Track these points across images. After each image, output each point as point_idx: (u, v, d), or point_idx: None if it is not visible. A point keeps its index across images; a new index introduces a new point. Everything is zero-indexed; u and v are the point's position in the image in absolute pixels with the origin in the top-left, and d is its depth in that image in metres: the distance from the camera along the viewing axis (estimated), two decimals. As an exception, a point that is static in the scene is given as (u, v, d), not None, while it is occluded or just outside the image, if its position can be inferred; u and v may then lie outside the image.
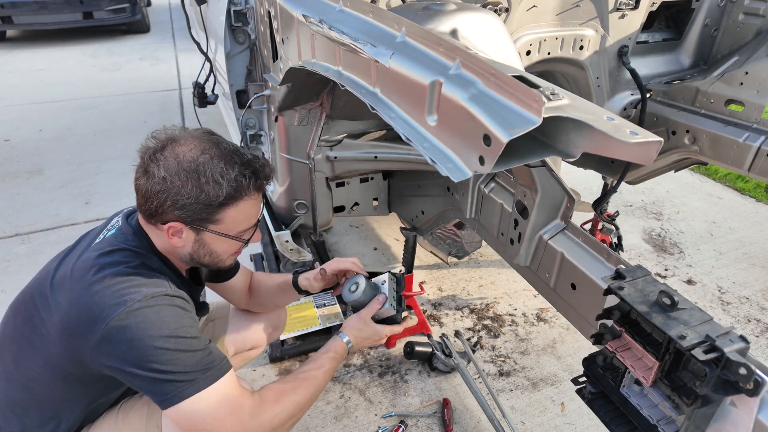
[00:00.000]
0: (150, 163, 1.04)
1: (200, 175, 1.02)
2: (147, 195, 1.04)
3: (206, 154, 1.04)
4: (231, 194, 1.04)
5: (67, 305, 1.02)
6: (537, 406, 1.90)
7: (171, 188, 1.02)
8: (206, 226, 1.07)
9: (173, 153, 1.04)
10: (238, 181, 1.05)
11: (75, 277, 1.04)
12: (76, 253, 1.12)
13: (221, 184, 1.03)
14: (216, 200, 1.04)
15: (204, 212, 1.05)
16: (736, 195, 3.46)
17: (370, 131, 1.87)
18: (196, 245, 1.11)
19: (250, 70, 1.76)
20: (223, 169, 1.03)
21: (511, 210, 1.26)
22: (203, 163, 1.02)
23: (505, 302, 2.41)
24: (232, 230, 1.11)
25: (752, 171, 1.74)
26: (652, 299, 0.82)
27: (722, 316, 2.36)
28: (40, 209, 3.12)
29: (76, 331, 1.00)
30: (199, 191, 1.02)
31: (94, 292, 0.99)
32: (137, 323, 0.97)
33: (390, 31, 0.90)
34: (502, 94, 0.67)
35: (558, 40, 1.85)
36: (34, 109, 4.79)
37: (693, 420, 0.77)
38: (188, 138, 1.07)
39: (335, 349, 1.25)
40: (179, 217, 1.05)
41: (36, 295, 1.09)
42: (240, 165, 1.06)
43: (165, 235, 1.08)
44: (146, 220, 1.10)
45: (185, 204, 1.03)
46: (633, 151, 0.62)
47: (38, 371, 1.07)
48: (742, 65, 1.80)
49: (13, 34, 7.81)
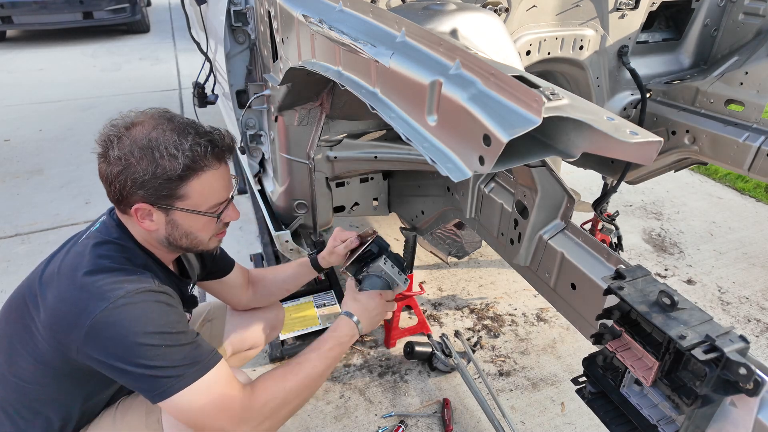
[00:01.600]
0: (108, 147, 1.04)
1: (154, 150, 1.01)
2: (109, 179, 1.04)
3: (158, 128, 1.03)
4: (188, 165, 1.03)
5: (54, 301, 1.02)
6: (537, 406, 1.90)
7: (128, 167, 1.01)
8: (172, 203, 1.06)
9: (128, 134, 1.04)
10: (193, 151, 1.03)
11: (62, 273, 1.04)
12: (63, 250, 1.12)
13: (176, 156, 1.01)
14: (174, 173, 1.02)
15: (165, 188, 1.03)
16: (736, 195, 3.46)
17: (370, 131, 1.87)
18: (169, 227, 1.09)
19: (250, 70, 1.76)
20: (177, 141, 1.02)
21: (511, 210, 1.26)
22: (156, 138, 1.02)
23: (505, 302, 2.41)
24: (200, 206, 1.08)
25: (752, 171, 1.74)
26: (652, 299, 0.82)
27: (722, 316, 2.36)
28: (40, 209, 3.12)
29: (63, 326, 0.99)
30: (155, 166, 1.01)
31: (79, 288, 0.99)
32: (121, 320, 0.97)
33: (390, 31, 0.90)
34: (502, 94, 0.67)
35: (558, 40, 1.85)
36: (34, 109, 4.79)
37: (693, 420, 0.77)
38: (143, 117, 1.07)
39: (340, 327, 1.21)
40: (143, 197, 1.03)
41: (26, 294, 1.09)
42: (194, 135, 1.05)
43: (136, 220, 1.07)
44: (118, 208, 1.10)
45: (144, 181, 1.01)
46: (633, 151, 0.62)
47: (31, 370, 1.07)
48: (742, 65, 1.80)
49: (13, 34, 7.82)
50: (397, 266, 1.32)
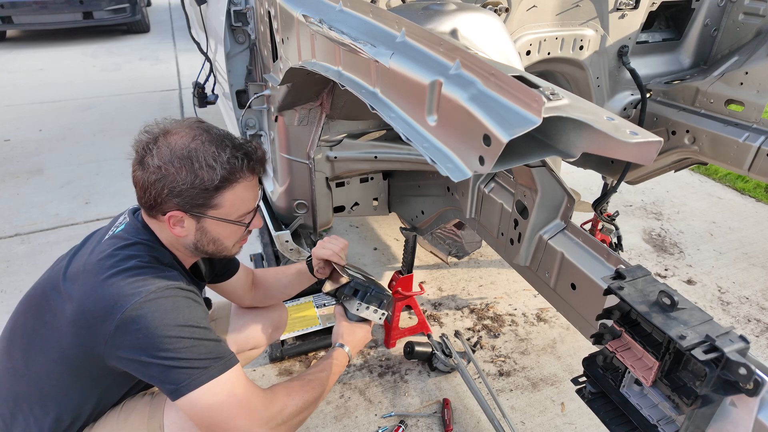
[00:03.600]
0: (145, 154, 1.07)
1: (193, 161, 1.04)
2: (144, 186, 1.06)
3: (197, 139, 1.06)
4: (225, 177, 1.06)
5: (81, 296, 1.03)
6: (537, 406, 1.90)
7: (166, 176, 1.04)
8: (205, 212, 1.09)
9: (166, 143, 1.06)
10: (231, 163, 1.06)
11: (89, 270, 1.05)
12: (87, 249, 1.13)
13: (214, 167, 1.05)
14: (211, 184, 1.05)
15: (201, 197, 1.06)
16: (736, 195, 3.46)
17: (370, 131, 1.87)
18: (199, 233, 1.12)
19: (250, 70, 1.76)
20: (215, 153, 1.05)
21: (511, 210, 1.26)
22: (195, 149, 1.05)
23: (505, 302, 2.41)
24: (231, 215, 1.12)
25: (752, 171, 1.74)
26: (652, 299, 0.82)
27: (722, 316, 2.36)
28: (39, 209, 3.12)
29: (90, 321, 1.00)
30: (193, 176, 1.04)
31: (110, 284, 1.01)
32: (152, 312, 0.99)
33: (390, 31, 0.90)
34: (502, 94, 0.67)
35: (558, 40, 1.85)
36: (34, 109, 4.79)
37: (693, 420, 0.77)
38: (179, 127, 1.10)
39: (337, 357, 1.28)
40: (178, 205, 1.06)
41: (48, 290, 1.10)
42: (231, 148, 1.08)
43: (167, 226, 1.09)
44: (147, 213, 1.12)
45: (182, 190, 1.04)
46: (633, 151, 0.62)
47: (49, 366, 1.07)
48: (742, 65, 1.80)
49: (13, 34, 7.82)
50: (374, 304, 1.35)
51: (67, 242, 2.80)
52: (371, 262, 2.69)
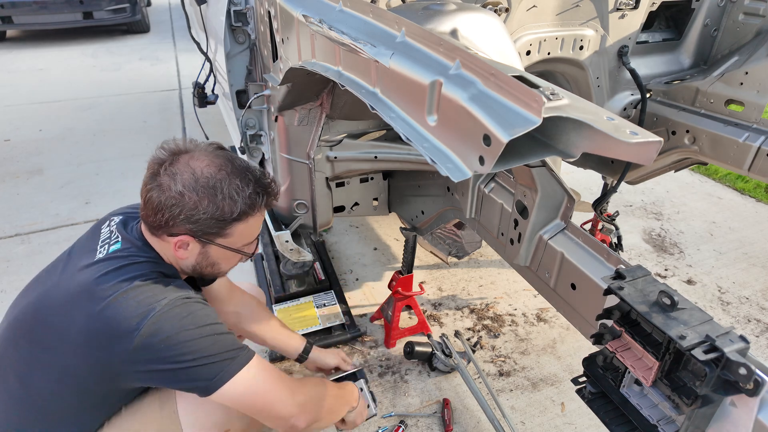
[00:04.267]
0: (163, 175, 1.05)
1: (217, 192, 1.05)
2: (159, 207, 1.05)
3: (223, 170, 1.07)
4: (244, 210, 1.08)
5: (87, 319, 1.01)
6: (537, 406, 1.90)
7: (187, 203, 1.04)
8: (214, 239, 1.11)
9: (189, 167, 1.05)
10: (252, 199, 1.09)
11: (90, 290, 1.03)
12: (76, 267, 1.10)
13: (236, 201, 1.06)
14: (230, 216, 1.07)
15: (216, 227, 1.08)
16: (736, 195, 3.46)
17: (370, 131, 1.87)
18: (200, 257, 1.13)
19: (250, 70, 1.76)
20: (239, 186, 1.07)
21: (511, 210, 1.26)
22: (220, 180, 1.05)
23: (505, 302, 2.41)
24: (237, 243, 1.14)
25: (752, 171, 1.74)
26: (652, 299, 0.82)
27: (722, 316, 2.36)
28: (39, 209, 3.12)
29: (104, 343, 1.00)
30: (215, 207, 1.05)
31: (119, 304, 1.00)
32: (169, 322, 1.00)
33: (390, 31, 0.90)
34: (502, 94, 0.67)
35: (558, 40, 1.85)
36: (34, 109, 4.79)
37: (693, 420, 0.77)
38: (202, 152, 1.09)
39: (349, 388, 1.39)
40: (190, 231, 1.07)
41: (39, 311, 1.06)
42: (254, 182, 1.10)
43: (171, 247, 1.10)
44: (152, 232, 1.11)
45: (199, 219, 1.05)
46: (633, 151, 0.62)
47: (52, 388, 1.05)
48: (742, 65, 1.80)
49: (13, 34, 7.81)
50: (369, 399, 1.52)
51: (67, 242, 2.78)
52: (371, 262, 2.69)
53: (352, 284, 2.52)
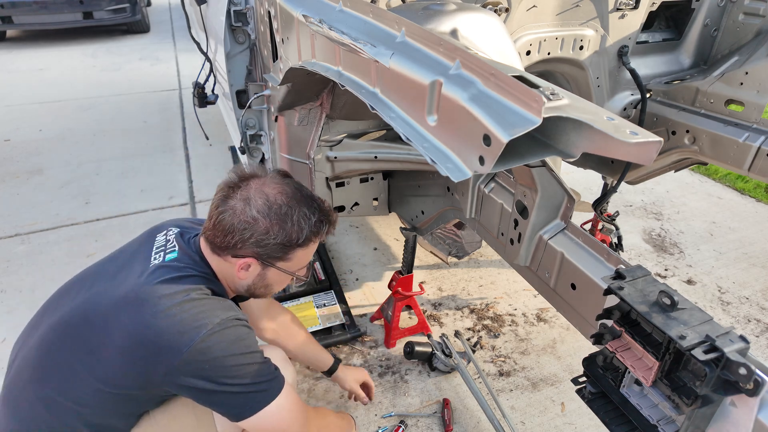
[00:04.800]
0: (236, 199, 1.10)
1: (288, 219, 1.09)
2: (230, 230, 1.09)
3: (293, 199, 1.12)
4: (309, 237, 1.13)
5: (135, 327, 1.03)
6: (537, 406, 1.90)
7: (259, 228, 1.08)
8: (275, 263, 1.15)
9: (262, 193, 1.10)
10: (317, 226, 1.14)
11: (144, 298, 1.05)
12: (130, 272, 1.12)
13: (303, 228, 1.11)
14: (296, 242, 1.12)
15: (280, 251, 1.12)
16: (736, 195, 3.46)
17: (370, 131, 1.87)
18: (258, 279, 1.17)
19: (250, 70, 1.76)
20: (307, 214, 1.12)
21: (511, 210, 1.25)
22: (291, 207, 1.10)
23: (505, 302, 2.41)
24: (294, 267, 1.18)
25: (752, 171, 1.74)
26: (652, 299, 0.82)
27: (722, 316, 2.36)
28: (39, 209, 3.12)
29: (152, 352, 1.01)
30: (284, 234, 1.10)
31: (171, 316, 1.02)
32: (218, 343, 1.02)
33: (390, 31, 0.90)
34: (502, 94, 0.67)
35: (558, 40, 1.85)
36: (34, 109, 4.79)
37: (693, 420, 0.77)
38: (273, 179, 1.15)
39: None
40: (256, 254, 1.11)
41: (91, 318, 1.07)
42: (319, 212, 1.15)
43: (233, 268, 1.13)
44: (214, 251, 1.14)
45: (268, 244, 1.10)
46: (633, 151, 0.62)
47: (91, 394, 1.05)
48: (742, 65, 1.80)
49: (13, 34, 7.82)
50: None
51: (67, 242, 2.80)
52: (371, 262, 2.69)
53: (352, 284, 2.52)
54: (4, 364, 2.02)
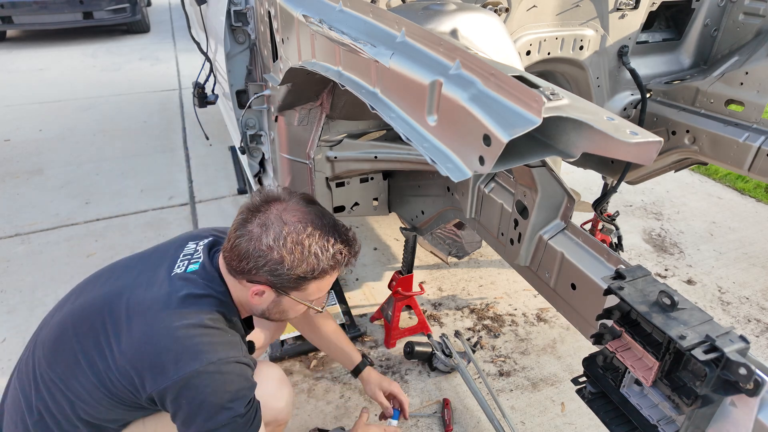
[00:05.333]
0: (255, 223, 1.07)
1: (304, 249, 1.06)
2: (245, 256, 1.07)
3: (311, 227, 1.08)
4: (325, 270, 1.09)
5: (142, 338, 1.03)
6: (537, 406, 1.90)
7: (274, 257, 1.05)
8: (290, 292, 1.12)
9: (281, 221, 1.07)
10: (335, 259, 1.10)
11: (155, 310, 1.06)
12: (152, 276, 1.13)
13: (320, 260, 1.08)
14: (311, 274, 1.08)
15: (295, 282, 1.09)
16: (736, 195, 3.46)
17: (370, 131, 1.87)
18: (272, 305, 1.15)
19: (250, 70, 1.76)
20: (325, 246, 1.08)
21: (511, 210, 1.25)
22: (309, 237, 1.06)
23: (505, 302, 2.41)
24: (310, 296, 1.15)
25: (752, 171, 1.74)
26: (652, 299, 0.82)
27: (722, 316, 2.36)
28: (39, 209, 3.12)
29: (146, 366, 1.02)
30: (299, 263, 1.06)
31: (175, 338, 1.02)
32: (204, 386, 1.01)
33: (390, 31, 0.90)
34: (502, 94, 0.67)
35: (558, 40, 1.85)
36: (34, 109, 4.79)
37: (693, 420, 0.77)
38: (294, 205, 1.11)
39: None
40: (269, 282, 1.09)
41: (106, 312, 1.09)
42: (339, 243, 1.11)
43: (247, 292, 1.12)
44: (231, 272, 1.13)
45: (282, 274, 1.07)
46: (633, 151, 0.62)
47: (88, 390, 1.06)
48: (742, 65, 1.80)
49: (13, 34, 7.81)
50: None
51: (67, 242, 2.80)
52: (371, 262, 2.69)
53: (352, 284, 2.52)
54: (3, 365, 2.02)
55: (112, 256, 2.66)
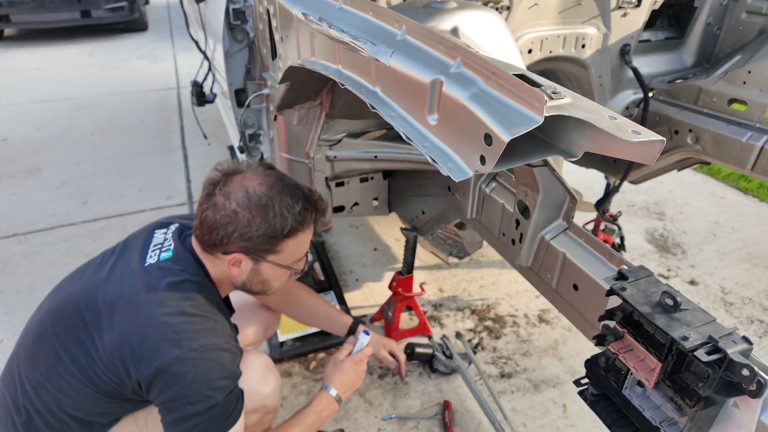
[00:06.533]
0: (218, 195, 1.09)
1: (268, 209, 1.08)
2: (214, 226, 1.08)
3: (273, 189, 1.10)
4: (294, 227, 1.11)
5: (124, 330, 1.04)
6: (539, 408, 1.89)
7: (241, 221, 1.07)
8: (266, 256, 1.13)
9: (242, 187, 1.09)
10: (302, 215, 1.12)
11: (134, 301, 1.06)
12: (126, 269, 1.13)
13: (287, 217, 1.09)
14: (281, 232, 1.10)
15: (267, 243, 1.11)
16: (739, 195, 3.45)
17: (370, 130, 1.86)
18: (251, 274, 1.16)
19: (248, 69, 1.75)
20: (289, 203, 1.10)
21: (512, 210, 1.24)
22: (272, 197, 1.09)
23: (506, 303, 2.40)
24: (287, 260, 1.17)
25: (755, 171, 1.73)
26: (654, 300, 0.81)
27: (725, 317, 2.35)
28: (37, 209, 3.11)
29: (129, 357, 1.03)
30: (267, 224, 1.08)
31: (156, 326, 1.03)
32: (185, 373, 1.02)
33: (390, 30, 0.89)
34: (504, 93, 0.67)
35: (560, 39, 1.84)
36: (32, 108, 4.78)
37: (695, 422, 0.76)
38: (254, 172, 1.13)
39: (320, 402, 1.35)
40: (243, 248, 1.10)
41: (83, 307, 1.09)
42: (303, 200, 1.13)
43: (225, 265, 1.13)
44: (205, 249, 1.14)
45: (252, 236, 1.08)
46: (635, 151, 0.62)
47: (74, 386, 1.07)
48: (745, 64, 1.79)
49: (10, 32, 7.81)
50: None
51: (65, 242, 2.79)
52: (371, 263, 2.68)
53: (352, 285, 2.51)
54: (2, 366, 2.01)
55: (110, 256, 2.65)
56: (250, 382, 1.19)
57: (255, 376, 1.25)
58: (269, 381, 1.31)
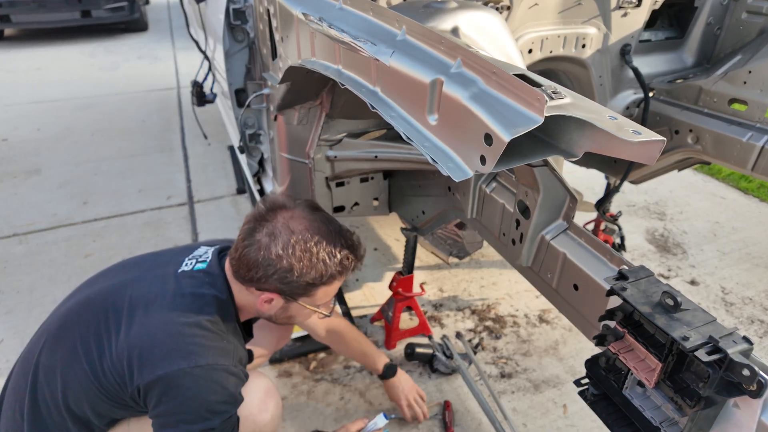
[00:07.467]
0: (263, 233, 1.09)
1: (312, 257, 1.08)
2: (254, 265, 1.08)
3: (318, 235, 1.10)
4: (333, 275, 1.12)
5: (140, 330, 1.05)
6: (539, 408, 1.89)
7: (283, 266, 1.07)
8: (298, 298, 1.14)
9: (288, 229, 1.09)
10: (342, 265, 1.13)
11: (157, 305, 1.07)
12: (159, 272, 1.15)
13: (328, 266, 1.10)
14: (320, 280, 1.11)
15: (303, 288, 1.11)
16: (740, 195, 3.44)
17: (370, 130, 1.86)
18: (280, 311, 1.17)
19: (249, 69, 1.75)
20: (332, 252, 1.10)
21: (512, 210, 1.24)
22: (316, 244, 1.09)
23: (506, 303, 2.40)
24: (318, 302, 1.17)
25: (756, 170, 1.73)
26: (655, 300, 0.81)
27: (725, 317, 2.35)
28: (37, 209, 3.11)
29: (137, 357, 1.03)
30: (308, 273, 1.09)
31: (170, 334, 1.03)
32: (186, 390, 1.01)
33: (390, 30, 0.89)
34: (504, 93, 0.66)
35: (560, 39, 1.84)
36: (32, 108, 4.78)
37: (696, 422, 0.76)
38: (300, 213, 1.13)
39: None
40: (278, 290, 1.11)
41: (110, 303, 1.11)
42: (346, 248, 1.13)
43: (256, 300, 1.13)
44: (238, 279, 1.14)
45: (291, 281, 1.09)
46: (636, 151, 0.61)
47: (80, 376, 1.07)
48: (746, 64, 1.79)
49: (11, 33, 7.81)
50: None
51: (65, 242, 2.79)
52: (371, 263, 2.68)
53: (352, 285, 2.51)
54: (1, 365, 2.01)
55: (110, 257, 2.66)
56: (248, 408, 1.17)
57: (254, 401, 1.22)
58: (268, 408, 1.26)
